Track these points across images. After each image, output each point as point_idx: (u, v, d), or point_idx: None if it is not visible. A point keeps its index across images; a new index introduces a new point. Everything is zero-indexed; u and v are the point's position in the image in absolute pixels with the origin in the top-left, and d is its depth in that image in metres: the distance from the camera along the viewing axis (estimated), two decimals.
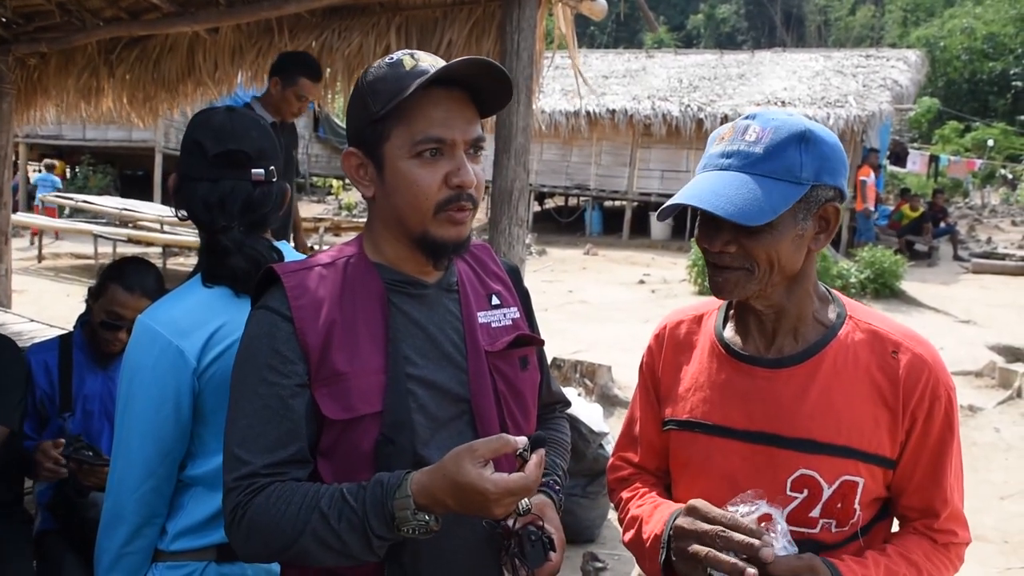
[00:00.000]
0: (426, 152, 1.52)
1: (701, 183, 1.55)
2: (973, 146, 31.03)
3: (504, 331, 1.69)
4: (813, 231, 1.58)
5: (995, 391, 8.43)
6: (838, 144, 1.60)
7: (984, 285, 15.02)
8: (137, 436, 1.85)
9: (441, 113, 1.52)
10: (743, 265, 1.56)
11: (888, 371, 1.60)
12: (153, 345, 1.84)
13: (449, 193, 1.53)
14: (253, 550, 1.48)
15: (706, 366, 1.73)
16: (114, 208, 15.93)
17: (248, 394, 1.50)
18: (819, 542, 1.60)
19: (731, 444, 1.65)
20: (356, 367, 1.51)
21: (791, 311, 1.65)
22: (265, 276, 1.60)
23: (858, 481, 1.58)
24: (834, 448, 1.58)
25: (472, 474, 1.34)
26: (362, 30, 4.46)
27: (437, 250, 1.57)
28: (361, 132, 1.56)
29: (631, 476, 1.89)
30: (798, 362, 1.63)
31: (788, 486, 1.59)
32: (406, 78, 1.51)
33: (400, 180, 1.53)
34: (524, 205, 3.74)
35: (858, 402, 1.59)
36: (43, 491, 2.98)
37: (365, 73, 1.58)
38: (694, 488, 1.70)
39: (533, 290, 1.90)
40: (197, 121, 2.04)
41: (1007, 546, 5.30)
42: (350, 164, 1.59)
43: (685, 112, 20.26)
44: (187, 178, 1.99)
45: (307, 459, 1.51)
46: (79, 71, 5.76)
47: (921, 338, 1.66)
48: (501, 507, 1.38)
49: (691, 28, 55.32)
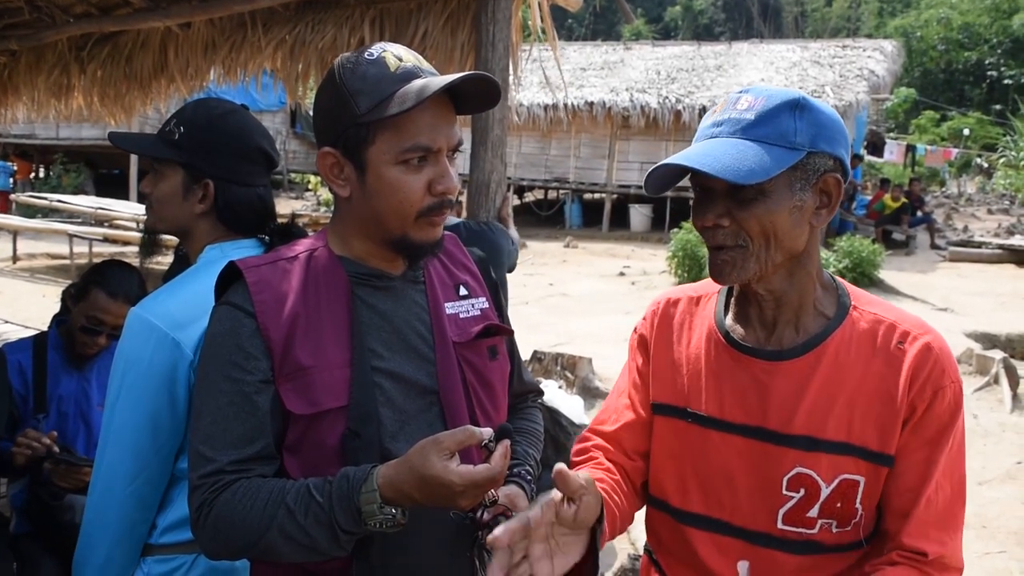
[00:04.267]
0: (413, 159, 1.49)
1: (689, 150, 1.49)
2: (949, 135, 31.26)
3: (472, 321, 1.67)
4: (813, 205, 1.50)
5: (973, 378, 8.49)
6: (835, 115, 1.52)
7: (961, 273, 15.14)
8: (131, 427, 1.82)
9: (429, 120, 1.49)
10: (737, 242, 1.48)
11: (892, 363, 1.51)
12: (149, 338, 1.82)
13: (432, 200, 1.52)
14: (219, 547, 1.47)
15: (703, 353, 1.65)
16: (89, 207, 15.79)
17: (212, 391, 1.49)
18: (818, 543, 1.54)
19: (727, 438, 1.59)
20: (320, 361, 1.49)
21: (792, 298, 1.56)
22: (228, 271, 1.58)
23: (859, 480, 1.50)
24: (832, 445, 1.50)
25: (437, 466, 1.33)
26: (336, 23, 4.42)
27: (414, 252, 1.57)
28: (340, 133, 1.51)
29: (594, 449, 1.78)
30: (799, 355, 1.55)
31: (784, 485, 1.53)
32: (393, 81, 1.48)
33: (384, 186, 1.50)
34: (501, 198, 3.73)
35: (860, 397, 1.51)
36: (16, 494, 2.94)
37: (341, 68, 1.52)
38: (684, 479, 1.64)
39: (514, 284, 1.89)
40: (254, 127, 2.06)
41: (985, 531, 5.35)
42: (325, 164, 1.55)
43: (663, 104, 20.29)
44: (234, 183, 2.00)
45: (273, 455, 1.50)
46: (50, 68, 5.68)
47: (930, 327, 1.56)
48: (467, 499, 1.37)
49: (669, 20, 55.39)
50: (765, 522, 1.56)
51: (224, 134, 1.99)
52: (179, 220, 2.03)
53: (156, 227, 2.13)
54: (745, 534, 1.58)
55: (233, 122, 2.02)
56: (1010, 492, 5.97)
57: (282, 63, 4.68)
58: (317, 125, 1.59)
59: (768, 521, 1.56)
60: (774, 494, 1.54)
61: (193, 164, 1.98)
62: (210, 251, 1.99)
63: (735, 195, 1.46)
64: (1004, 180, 26.28)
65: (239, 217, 2.02)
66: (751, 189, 1.45)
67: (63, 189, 21.09)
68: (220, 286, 1.59)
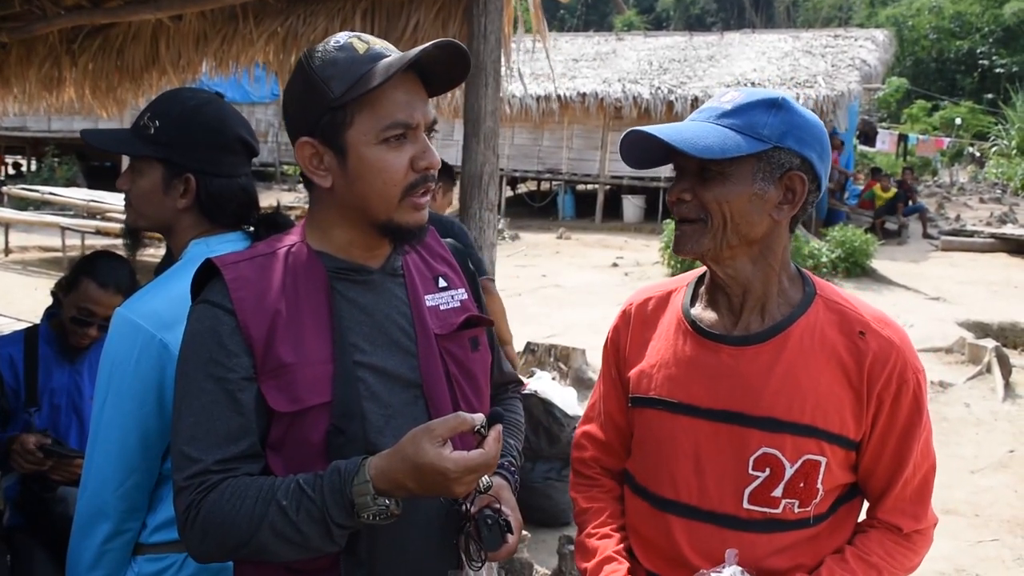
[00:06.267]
0: (392, 137, 1.49)
1: (662, 126, 1.59)
2: (941, 125, 31.25)
3: (453, 313, 1.67)
4: (776, 198, 1.58)
5: (965, 367, 8.54)
6: (816, 122, 1.62)
7: (953, 262, 15.18)
8: (118, 431, 1.80)
9: (404, 97, 1.50)
10: (698, 215, 1.58)
11: (854, 352, 1.59)
12: (135, 339, 1.79)
13: (415, 176, 1.52)
14: (208, 549, 1.45)
15: (672, 343, 1.72)
16: (81, 200, 15.74)
17: (194, 391, 1.47)
18: (780, 521, 1.61)
19: (695, 423, 1.65)
20: (302, 357, 1.48)
21: (756, 287, 1.64)
22: (204, 269, 1.56)
23: (820, 461, 1.59)
24: (797, 427, 1.58)
25: (431, 454, 1.33)
26: (327, 15, 4.41)
27: (400, 236, 1.56)
28: (315, 120, 1.50)
29: (593, 465, 1.90)
30: (764, 339, 1.63)
31: (750, 465, 1.60)
32: (364, 62, 1.48)
33: (366, 167, 1.50)
34: (494, 189, 3.73)
35: (823, 382, 1.59)
36: (10, 487, 2.94)
37: (308, 58, 1.52)
38: (659, 467, 1.70)
39: (507, 275, 1.90)
40: (231, 116, 2.01)
41: (978, 519, 5.39)
42: (304, 155, 1.53)
43: (655, 95, 20.25)
44: (216, 175, 1.96)
45: (259, 454, 1.49)
46: (41, 61, 5.66)
47: (890, 320, 1.66)
48: (462, 485, 1.37)
49: (660, 10, 55.30)
50: (732, 504, 1.63)
51: (202, 126, 1.94)
52: (161, 216, 1.99)
53: (137, 224, 2.06)
54: (713, 517, 1.64)
55: (210, 112, 1.97)
56: (1003, 480, 6.00)
57: (274, 55, 4.68)
58: (290, 117, 1.57)
59: (735, 502, 1.62)
60: (741, 474, 1.61)
61: (172, 159, 1.93)
62: (195, 246, 1.95)
63: (701, 174, 1.57)
64: (996, 169, 26.33)
65: (223, 209, 1.97)
66: (713, 170, 1.56)
67: (55, 182, 21.00)
68: (196, 284, 1.58)
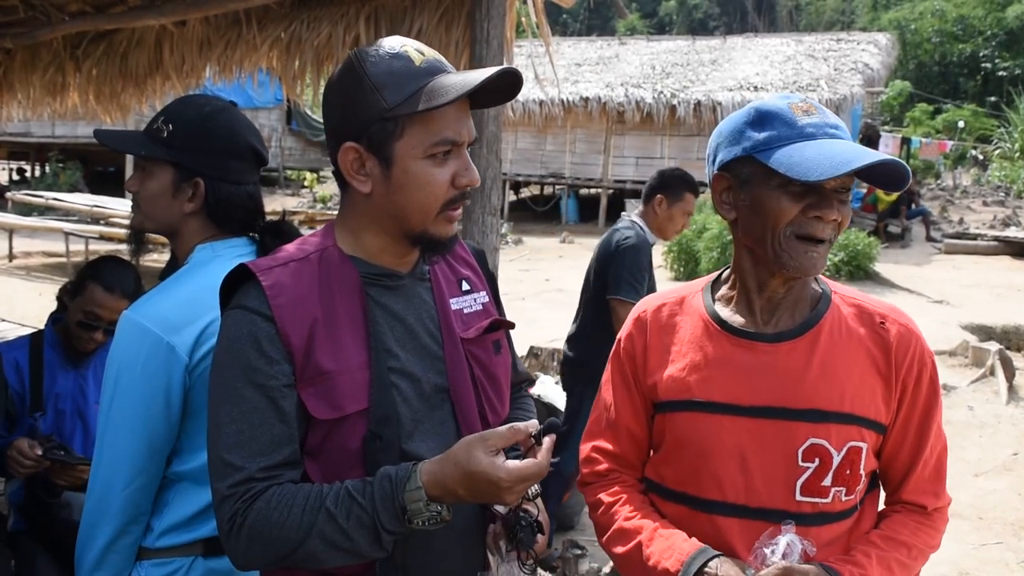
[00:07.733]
0: (440, 153, 1.49)
1: (838, 146, 1.56)
2: (944, 128, 31.21)
3: (476, 316, 1.68)
4: None
5: (968, 370, 8.51)
6: None
7: (956, 265, 15.15)
8: (126, 433, 1.81)
9: (455, 114, 1.50)
10: (831, 236, 1.61)
11: (879, 342, 1.67)
12: (143, 342, 1.80)
13: (455, 193, 1.53)
14: (254, 557, 1.44)
15: (700, 345, 1.72)
16: (85, 205, 15.76)
17: (234, 397, 1.45)
18: (828, 514, 1.64)
19: (737, 421, 1.66)
20: (341, 364, 1.48)
21: (801, 288, 1.70)
22: (236, 274, 1.54)
23: (862, 447, 1.63)
24: (839, 416, 1.62)
25: (484, 462, 1.35)
26: (331, 20, 4.41)
27: (431, 247, 1.57)
28: (363, 126, 1.48)
29: (609, 472, 1.86)
30: (798, 335, 1.67)
31: (800, 457, 1.62)
32: (420, 76, 1.47)
33: (411, 180, 1.49)
34: (497, 194, 3.73)
35: (856, 371, 1.65)
36: (15, 491, 2.95)
37: (362, 61, 1.49)
38: (699, 469, 1.69)
39: (510, 279, 1.91)
40: (244, 124, 2.03)
41: (982, 522, 5.37)
42: (347, 159, 1.51)
43: (658, 99, 20.28)
44: (225, 181, 1.98)
45: (299, 460, 1.49)
46: (45, 67, 5.67)
47: (901, 311, 1.75)
48: (513, 494, 1.39)
49: (663, 15, 55.34)
50: (783, 498, 1.64)
51: (215, 132, 1.97)
52: (168, 219, 2.00)
53: (143, 226, 2.08)
54: (763, 513, 1.64)
55: (223, 120, 2.00)
56: (1007, 483, 5.99)
57: (278, 60, 4.68)
58: (333, 120, 1.54)
59: (786, 496, 1.63)
60: (791, 466, 1.63)
61: (183, 162, 1.95)
62: (201, 251, 1.97)
63: (841, 194, 1.59)
64: (999, 172, 26.27)
65: (230, 215, 1.99)
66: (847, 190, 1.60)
67: (59, 187, 21.04)
68: (225, 289, 1.56)
